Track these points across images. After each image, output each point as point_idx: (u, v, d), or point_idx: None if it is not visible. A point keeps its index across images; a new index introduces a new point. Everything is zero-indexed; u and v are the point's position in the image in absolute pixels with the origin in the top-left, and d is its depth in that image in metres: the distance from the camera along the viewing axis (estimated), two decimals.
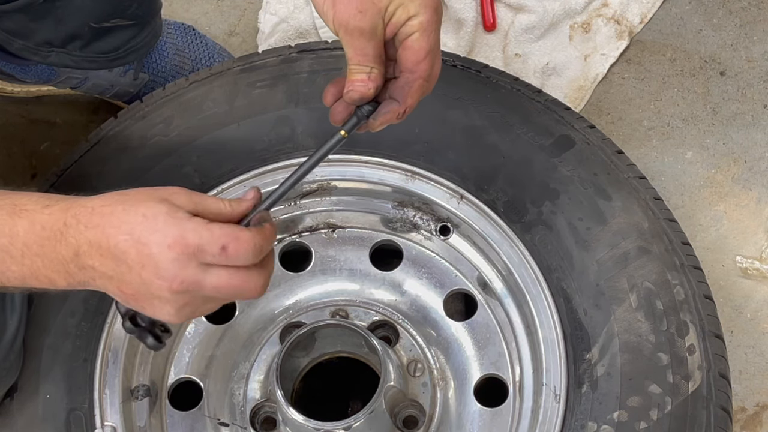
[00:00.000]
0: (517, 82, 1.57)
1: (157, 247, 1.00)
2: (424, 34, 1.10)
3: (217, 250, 1.00)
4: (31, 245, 1.05)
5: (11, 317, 1.33)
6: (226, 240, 1.00)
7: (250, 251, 1.02)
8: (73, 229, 1.03)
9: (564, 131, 1.50)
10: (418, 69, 1.11)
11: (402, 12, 1.09)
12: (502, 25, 1.98)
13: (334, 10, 1.09)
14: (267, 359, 1.48)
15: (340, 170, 1.51)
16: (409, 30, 1.10)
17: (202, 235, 1.00)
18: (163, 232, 1.00)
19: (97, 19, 1.63)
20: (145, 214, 1.01)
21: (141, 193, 1.04)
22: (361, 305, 1.53)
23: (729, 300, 1.74)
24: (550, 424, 1.32)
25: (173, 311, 1.04)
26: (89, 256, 1.03)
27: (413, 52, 1.10)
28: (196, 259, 1.00)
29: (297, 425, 1.37)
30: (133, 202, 1.02)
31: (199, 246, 1.00)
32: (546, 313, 1.38)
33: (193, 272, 1.01)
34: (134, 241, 1.01)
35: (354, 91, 1.10)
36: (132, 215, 1.01)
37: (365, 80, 1.10)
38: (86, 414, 1.36)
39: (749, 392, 1.68)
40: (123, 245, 1.01)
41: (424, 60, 1.11)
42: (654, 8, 1.98)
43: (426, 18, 1.10)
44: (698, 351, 1.33)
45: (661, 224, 1.42)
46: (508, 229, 1.43)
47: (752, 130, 1.87)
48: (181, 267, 1.00)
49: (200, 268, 1.01)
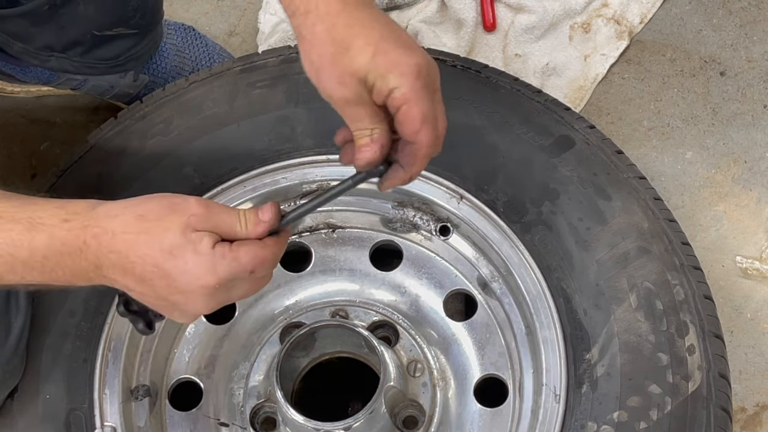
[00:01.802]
0: (517, 82, 1.57)
1: (188, 286, 1.04)
2: (411, 105, 1.05)
3: (247, 274, 1.06)
4: (51, 257, 1.07)
5: (16, 319, 1.33)
6: (253, 265, 1.06)
7: (272, 266, 1.09)
8: (95, 248, 1.06)
9: (564, 131, 1.50)
10: (418, 139, 1.08)
11: (381, 83, 1.05)
12: (502, 25, 1.98)
13: (318, 82, 1.09)
14: (267, 359, 1.48)
15: (340, 170, 1.51)
16: (396, 103, 1.06)
17: (232, 267, 1.04)
18: (194, 273, 1.04)
19: (99, 28, 1.63)
20: (172, 252, 1.03)
21: (162, 219, 1.05)
22: (361, 305, 1.53)
23: (729, 300, 1.74)
24: (550, 424, 1.32)
25: (189, 320, 1.13)
26: (112, 272, 1.07)
27: (408, 124, 1.07)
28: (227, 286, 1.06)
29: (297, 425, 1.37)
30: (155, 233, 1.04)
31: (231, 277, 1.05)
32: (546, 313, 1.38)
33: (223, 296, 1.07)
34: (162, 274, 1.04)
35: (361, 158, 1.09)
36: (157, 251, 1.04)
37: (369, 144, 1.08)
38: (86, 414, 1.36)
39: (749, 392, 1.68)
40: (149, 275, 1.05)
41: (422, 129, 1.07)
42: (654, 8, 1.98)
43: (408, 88, 1.04)
44: (698, 351, 1.33)
45: (661, 224, 1.42)
46: (508, 229, 1.43)
47: (752, 130, 1.87)
48: (212, 298, 1.06)
49: (229, 291, 1.07)
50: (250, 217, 1.08)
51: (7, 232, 1.07)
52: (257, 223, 1.08)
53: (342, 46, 1.05)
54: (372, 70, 1.05)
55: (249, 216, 1.08)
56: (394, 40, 1.06)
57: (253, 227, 1.07)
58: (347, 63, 1.05)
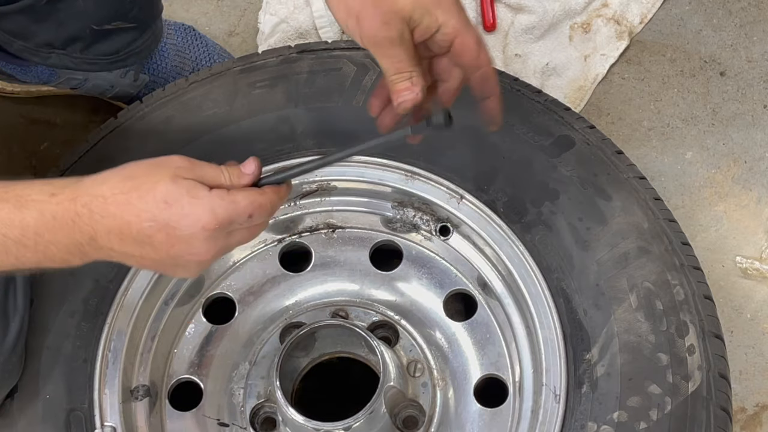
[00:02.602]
0: (517, 82, 1.57)
1: (189, 229, 1.04)
2: (465, 35, 1.12)
3: (245, 219, 1.07)
4: (44, 234, 1.06)
5: (13, 319, 1.33)
6: (251, 208, 1.07)
7: (269, 213, 1.11)
8: (87, 218, 1.05)
9: (564, 131, 1.50)
10: (481, 61, 1.14)
11: (429, 19, 1.10)
12: (502, 26, 1.98)
13: (359, 26, 1.10)
14: (267, 359, 1.48)
15: (340, 170, 1.51)
16: (448, 37, 1.12)
17: (230, 209, 1.05)
18: (194, 216, 1.04)
19: (98, 22, 1.63)
20: (166, 199, 1.04)
21: (150, 174, 1.06)
22: (361, 305, 1.53)
23: (729, 300, 1.74)
24: (550, 425, 1.32)
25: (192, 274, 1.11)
26: (107, 240, 1.06)
27: (467, 52, 1.13)
28: (226, 230, 1.06)
29: (297, 425, 1.37)
30: (146, 187, 1.05)
31: (230, 220, 1.05)
32: (546, 313, 1.38)
33: (223, 242, 1.08)
34: (161, 225, 1.04)
35: (404, 101, 1.12)
36: (151, 202, 1.04)
37: (410, 87, 1.11)
38: (86, 414, 1.36)
39: (749, 392, 1.68)
40: (148, 230, 1.04)
41: (481, 52, 1.13)
42: (654, 8, 1.99)
43: (456, 20, 1.11)
44: (698, 351, 1.33)
45: (661, 224, 1.42)
46: (508, 230, 1.43)
47: (752, 130, 1.87)
48: (214, 241, 1.06)
49: (228, 236, 1.08)
50: (233, 170, 1.09)
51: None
52: (240, 175, 1.09)
53: None
54: (417, 8, 1.09)
55: (232, 170, 1.09)
56: None
57: (237, 179, 1.09)
58: (391, 3, 1.08)
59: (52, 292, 1.43)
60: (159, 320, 1.48)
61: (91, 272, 1.44)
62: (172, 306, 1.49)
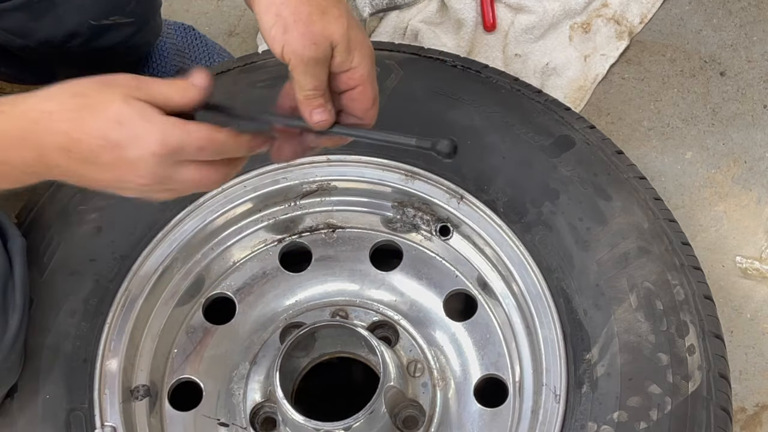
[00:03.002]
0: (517, 82, 1.57)
1: (138, 152, 1.03)
2: (367, 87, 1.14)
3: (195, 150, 1.05)
4: None
5: (12, 317, 1.33)
6: (204, 142, 1.05)
7: (222, 152, 1.07)
8: (34, 135, 1.05)
9: (564, 131, 1.50)
10: (367, 116, 1.16)
11: (346, 57, 1.11)
12: (502, 26, 1.98)
13: (285, 38, 1.10)
14: (267, 359, 1.48)
15: (340, 170, 1.51)
16: (353, 82, 1.13)
17: (182, 138, 1.04)
18: (145, 139, 1.03)
19: (96, 17, 1.63)
20: (119, 120, 1.03)
21: (101, 93, 1.05)
22: (361, 305, 1.53)
23: (729, 300, 1.74)
24: (550, 425, 1.32)
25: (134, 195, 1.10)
26: (55, 157, 1.05)
27: (361, 103, 1.14)
28: (173, 158, 1.04)
29: (297, 425, 1.37)
30: (99, 106, 1.04)
31: (179, 148, 1.04)
32: (546, 313, 1.38)
33: (168, 169, 1.05)
34: (111, 145, 1.03)
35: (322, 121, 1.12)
36: (102, 121, 1.03)
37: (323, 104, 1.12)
38: (86, 414, 1.36)
39: (749, 392, 1.68)
40: (97, 149, 1.04)
41: (371, 109, 1.15)
42: (654, 8, 1.99)
43: (366, 70, 1.13)
44: (698, 351, 1.33)
45: (661, 224, 1.42)
46: (508, 230, 1.43)
47: (752, 130, 1.87)
48: (159, 166, 1.05)
49: (174, 165, 1.06)
50: (181, 83, 1.08)
51: None
52: (188, 87, 1.08)
53: (319, 8, 1.09)
54: (342, 42, 1.10)
55: (180, 83, 1.08)
56: (356, 23, 1.13)
57: (185, 92, 1.07)
58: (323, 25, 1.09)
59: (52, 291, 1.43)
60: (159, 320, 1.48)
61: (91, 272, 1.44)
62: (172, 306, 1.49)
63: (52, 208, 1.49)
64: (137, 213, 1.48)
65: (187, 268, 1.51)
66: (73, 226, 1.47)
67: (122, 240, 1.46)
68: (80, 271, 1.44)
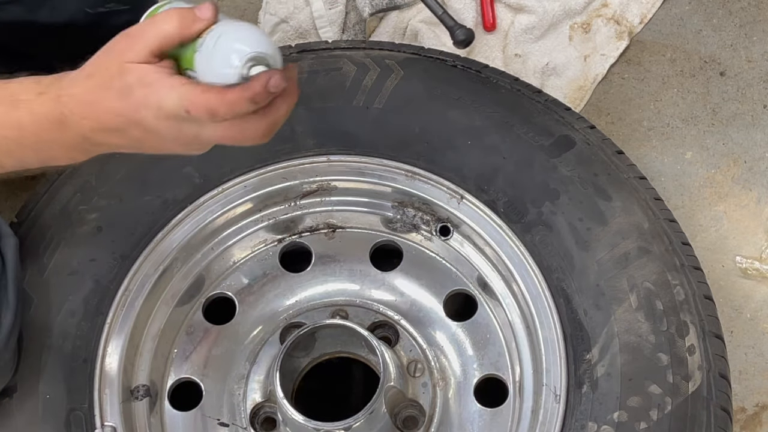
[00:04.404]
0: (517, 82, 1.57)
1: (152, 121, 1.03)
2: None
3: (206, 115, 1.01)
4: (41, 134, 1.07)
5: (5, 314, 1.32)
6: (213, 104, 1.01)
7: (236, 110, 1.01)
8: (70, 119, 1.06)
9: (564, 131, 1.49)
10: None
11: None
12: (502, 26, 1.98)
13: None
14: (267, 359, 1.48)
15: (341, 170, 1.51)
16: None
17: (183, 103, 1.01)
18: (146, 107, 1.02)
19: (92, 5, 1.63)
20: (123, 94, 1.03)
21: (104, 68, 1.05)
22: (361, 305, 1.53)
23: (729, 300, 1.74)
24: (550, 425, 1.32)
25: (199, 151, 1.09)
26: (98, 137, 1.06)
27: None
28: (187, 121, 1.02)
29: (297, 425, 1.37)
30: (105, 84, 1.04)
31: (188, 113, 1.01)
32: (546, 313, 1.38)
33: (191, 131, 1.03)
34: (129, 120, 1.04)
35: None
36: (113, 100, 1.03)
37: None
38: (86, 414, 1.36)
39: (749, 392, 1.68)
40: (122, 126, 1.04)
41: None
42: (654, 8, 1.99)
43: None
44: (698, 351, 1.33)
45: (661, 224, 1.42)
46: (509, 230, 1.43)
47: (752, 130, 1.88)
48: (178, 131, 1.03)
49: (196, 126, 1.03)
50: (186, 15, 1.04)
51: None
52: (195, 20, 1.04)
53: None
54: None
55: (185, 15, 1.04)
56: None
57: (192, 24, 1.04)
58: None
59: (52, 291, 1.43)
60: (159, 320, 1.48)
61: (91, 272, 1.44)
62: (172, 306, 1.49)
63: (52, 208, 1.49)
64: (137, 213, 1.48)
65: (187, 268, 1.51)
66: (73, 226, 1.47)
67: (122, 240, 1.46)
68: (80, 271, 1.44)
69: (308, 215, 1.56)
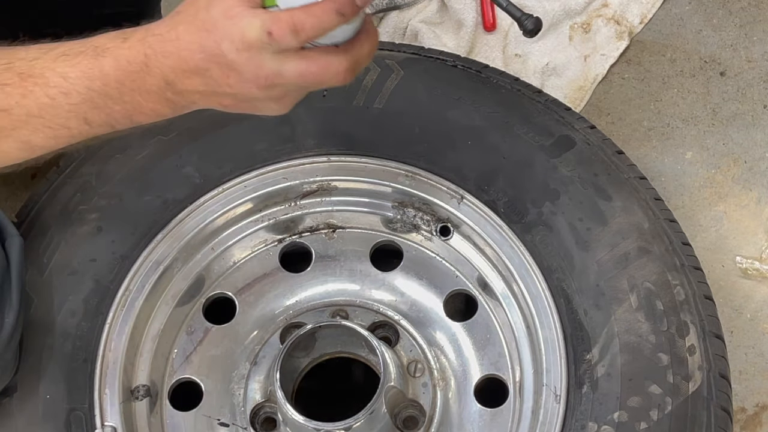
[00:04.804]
0: (517, 82, 1.57)
1: (233, 56, 1.01)
2: None
3: (289, 32, 0.99)
4: (124, 81, 1.06)
5: (8, 315, 1.32)
6: (298, 19, 0.99)
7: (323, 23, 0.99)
8: (153, 59, 1.04)
9: (564, 131, 1.50)
10: None
11: None
12: (502, 26, 1.98)
13: None
14: (267, 359, 1.48)
15: (341, 170, 1.51)
16: None
17: (268, 23, 0.99)
18: (229, 38, 1.00)
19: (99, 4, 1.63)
20: (206, 27, 1.01)
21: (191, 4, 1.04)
22: (361, 305, 1.53)
23: (729, 300, 1.74)
24: (550, 425, 1.32)
25: (276, 106, 1.06)
26: (179, 81, 1.05)
27: None
28: (268, 50, 1.00)
29: (297, 425, 1.37)
30: (189, 19, 1.03)
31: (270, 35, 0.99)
32: (546, 313, 1.38)
33: (270, 65, 1.01)
34: (210, 55, 1.02)
35: None
36: (195, 34, 1.02)
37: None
38: (86, 414, 1.36)
39: (749, 392, 1.68)
40: (202, 63, 1.02)
41: None
42: (654, 8, 1.99)
43: None
44: (698, 351, 1.33)
45: (661, 224, 1.42)
46: (509, 230, 1.43)
47: (752, 130, 1.88)
48: (257, 65, 1.01)
49: (276, 60, 1.01)
50: None
51: (76, 66, 1.06)
52: None
53: None
54: None
55: None
56: None
57: None
58: None
59: (52, 291, 1.43)
60: (159, 320, 1.48)
61: (92, 272, 1.44)
62: (173, 306, 1.49)
63: (52, 208, 1.49)
64: (137, 213, 1.48)
65: (188, 268, 1.51)
66: (73, 226, 1.47)
67: (122, 240, 1.46)
68: (80, 271, 1.44)
69: (308, 215, 1.56)
